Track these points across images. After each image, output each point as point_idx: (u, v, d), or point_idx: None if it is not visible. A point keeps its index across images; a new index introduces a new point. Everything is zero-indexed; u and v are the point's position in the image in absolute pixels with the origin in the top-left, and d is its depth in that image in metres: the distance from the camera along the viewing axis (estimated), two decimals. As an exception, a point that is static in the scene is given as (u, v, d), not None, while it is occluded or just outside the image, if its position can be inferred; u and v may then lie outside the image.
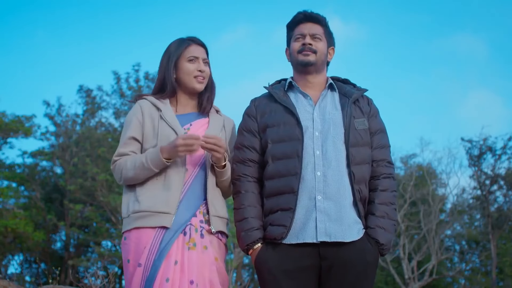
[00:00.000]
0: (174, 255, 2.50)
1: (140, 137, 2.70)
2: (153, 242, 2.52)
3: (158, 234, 2.53)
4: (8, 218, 17.59)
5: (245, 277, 22.26)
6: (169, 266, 2.47)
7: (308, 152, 2.59)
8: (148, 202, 2.57)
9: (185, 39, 2.81)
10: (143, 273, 2.49)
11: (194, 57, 2.76)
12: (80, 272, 19.41)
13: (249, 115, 2.77)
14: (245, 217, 2.63)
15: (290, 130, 2.62)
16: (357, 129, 2.64)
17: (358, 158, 2.61)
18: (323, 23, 2.80)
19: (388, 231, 2.58)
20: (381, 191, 2.62)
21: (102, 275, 5.76)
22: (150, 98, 2.77)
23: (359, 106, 2.71)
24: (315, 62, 2.73)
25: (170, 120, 2.69)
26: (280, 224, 2.56)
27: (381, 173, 2.66)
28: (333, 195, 2.55)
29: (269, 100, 2.75)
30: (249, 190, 2.66)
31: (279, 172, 2.60)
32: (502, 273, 22.20)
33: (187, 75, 2.76)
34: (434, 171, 23.37)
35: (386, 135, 2.77)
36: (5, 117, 19.10)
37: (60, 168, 21.46)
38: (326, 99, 2.73)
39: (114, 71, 20.47)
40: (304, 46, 2.72)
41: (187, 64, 2.76)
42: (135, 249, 2.55)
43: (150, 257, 2.49)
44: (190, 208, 2.61)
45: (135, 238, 2.56)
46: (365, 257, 2.52)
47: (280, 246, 2.55)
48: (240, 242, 2.65)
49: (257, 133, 2.71)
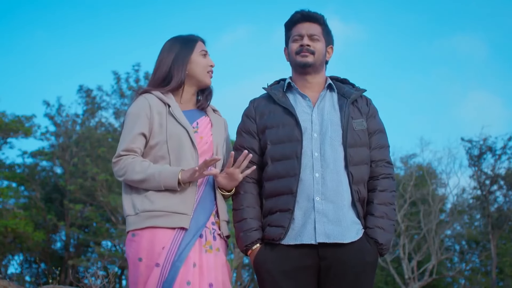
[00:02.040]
0: (193, 258, 2.47)
1: (148, 133, 2.60)
2: (173, 243, 2.46)
3: (178, 235, 2.48)
4: (8, 218, 17.59)
5: (245, 277, 22.26)
6: (188, 268, 2.44)
7: (306, 153, 2.59)
8: (162, 201, 2.51)
9: (190, 35, 2.78)
10: (161, 273, 2.43)
11: (205, 51, 2.74)
12: (80, 272, 19.40)
13: (248, 116, 2.76)
14: (244, 217, 2.63)
15: (289, 131, 2.62)
16: (355, 130, 2.63)
17: (356, 159, 2.60)
18: (321, 22, 2.76)
19: (387, 231, 2.58)
20: (380, 191, 2.62)
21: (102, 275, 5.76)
22: (157, 93, 2.65)
23: (358, 106, 2.70)
24: (313, 63, 2.71)
25: (179, 116, 2.61)
26: (278, 225, 2.56)
27: (380, 173, 2.65)
28: (331, 196, 2.55)
29: (268, 101, 2.74)
30: (248, 191, 2.66)
31: (278, 173, 2.60)
32: (502, 273, 22.20)
33: (203, 68, 2.70)
34: (434, 171, 23.37)
35: (385, 135, 2.76)
36: (5, 117, 19.10)
37: (60, 168, 21.47)
38: (325, 100, 2.72)
39: (114, 71, 20.49)
40: (302, 47, 2.70)
41: (201, 58, 2.71)
42: (149, 248, 2.48)
43: (169, 258, 2.44)
44: (206, 211, 2.59)
45: (150, 237, 2.49)
46: (364, 258, 2.52)
47: (278, 247, 2.55)
48: (239, 242, 2.65)
49: (256, 134, 2.71)
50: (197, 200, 2.57)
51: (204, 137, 2.67)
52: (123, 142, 2.60)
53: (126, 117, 2.66)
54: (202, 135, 2.66)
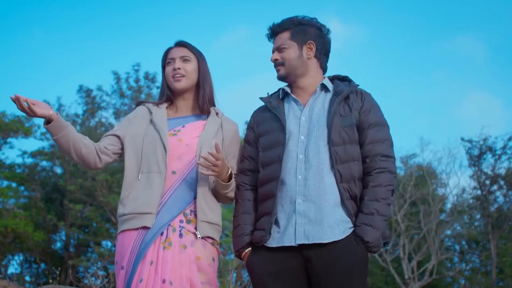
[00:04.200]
0: (150, 256, 2.53)
1: (122, 134, 2.76)
2: (134, 244, 2.56)
3: (139, 235, 2.57)
4: (8, 218, 17.61)
5: (245, 277, 22.25)
6: (144, 267, 2.51)
7: (291, 156, 2.61)
8: (131, 204, 2.62)
9: (168, 48, 2.90)
10: (125, 275, 2.53)
11: (170, 59, 2.84)
12: (80, 272, 19.41)
13: (248, 128, 2.86)
14: (238, 224, 2.71)
15: (275, 136, 2.67)
16: (343, 127, 2.60)
17: (344, 157, 2.57)
18: (288, 27, 2.75)
19: (376, 228, 2.50)
20: (373, 186, 2.56)
21: (102, 275, 5.77)
22: (148, 104, 2.86)
23: (348, 103, 2.66)
24: (286, 74, 2.75)
25: (158, 122, 2.74)
26: (261, 228, 2.62)
27: (374, 168, 2.58)
28: (313, 196, 2.54)
29: (264, 110, 2.81)
30: (245, 198, 2.73)
31: (266, 178, 2.66)
32: (502, 273, 22.19)
33: (168, 77, 2.84)
34: (434, 171, 23.35)
35: (384, 129, 2.67)
36: (5, 117, 19.12)
37: (60, 168, 21.48)
38: (317, 101, 2.72)
39: (114, 71, 20.54)
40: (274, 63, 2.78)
41: (166, 69, 2.85)
42: (120, 251, 2.61)
43: (131, 259, 2.54)
44: (173, 211, 2.62)
45: (121, 241, 2.62)
46: (349, 257, 2.48)
47: (263, 250, 2.60)
48: (233, 247, 2.73)
49: (254, 143, 2.78)
50: (166, 199, 2.63)
51: (183, 140, 2.72)
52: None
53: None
54: (181, 137, 2.73)
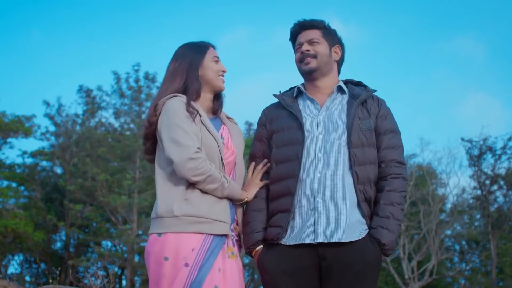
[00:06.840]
0: (218, 263, 2.51)
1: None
2: (202, 246, 2.50)
3: (207, 239, 2.52)
4: (8, 218, 17.61)
5: (245, 277, 22.27)
6: (215, 273, 2.49)
7: (310, 154, 2.62)
8: (204, 207, 2.53)
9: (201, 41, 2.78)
10: (189, 273, 2.45)
11: (217, 57, 2.75)
12: (80, 272, 19.41)
13: (259, 125, 2.84)
14: (249, 221, 2.70)
15: (292, 134, 2.67)
16: (362, 130, 2.65)
17: (362, 159, 2.61)
18: (320, 26, 2.80)
19: (392, 231, 2.56)
20: (388, 191, 2.61)
21: (102, 275, 5.77)
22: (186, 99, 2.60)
23: (367, 107, 2.72)
24: (317, 67, 2.75)
25: (210, 127, 2.61)
26: (277, 225, 2.61)
27: (389, 174, 2.65)
28: (332, 196, 2.57)
29: (277, 107, 2.81)
30: (256, 195, 2.72)
31: (281, 176, 2.65)
32: (502, 273, 22.21)
33: (215, 72, 2.70)
34: (434, 171, 23.36)
35: (398, 136, 2.75)
36: (5, 117, 19.13)
37: (60, 168, 21.49)
38: (335, 102, 2.75)
39: (114, 71, 20.51)
40: (302, 54, 2.75)
41: (213, 63, 2.71)
42: (177, 248, 2.49)
43: (199, 259, 2.47)
44: (232, 218, 2.65)
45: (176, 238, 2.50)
46: (364, 258, 2.52)
47: (278, 247, 2.59)
48: (244, 245, 2.71)
49: (266, 140, 2.78)
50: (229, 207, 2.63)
51: (230, 148, 2.70)
52: (186, 141, 2.49)
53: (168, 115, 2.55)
54: (228, 145, 2.70)
